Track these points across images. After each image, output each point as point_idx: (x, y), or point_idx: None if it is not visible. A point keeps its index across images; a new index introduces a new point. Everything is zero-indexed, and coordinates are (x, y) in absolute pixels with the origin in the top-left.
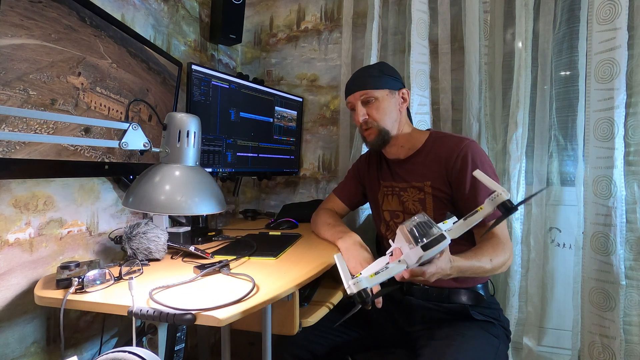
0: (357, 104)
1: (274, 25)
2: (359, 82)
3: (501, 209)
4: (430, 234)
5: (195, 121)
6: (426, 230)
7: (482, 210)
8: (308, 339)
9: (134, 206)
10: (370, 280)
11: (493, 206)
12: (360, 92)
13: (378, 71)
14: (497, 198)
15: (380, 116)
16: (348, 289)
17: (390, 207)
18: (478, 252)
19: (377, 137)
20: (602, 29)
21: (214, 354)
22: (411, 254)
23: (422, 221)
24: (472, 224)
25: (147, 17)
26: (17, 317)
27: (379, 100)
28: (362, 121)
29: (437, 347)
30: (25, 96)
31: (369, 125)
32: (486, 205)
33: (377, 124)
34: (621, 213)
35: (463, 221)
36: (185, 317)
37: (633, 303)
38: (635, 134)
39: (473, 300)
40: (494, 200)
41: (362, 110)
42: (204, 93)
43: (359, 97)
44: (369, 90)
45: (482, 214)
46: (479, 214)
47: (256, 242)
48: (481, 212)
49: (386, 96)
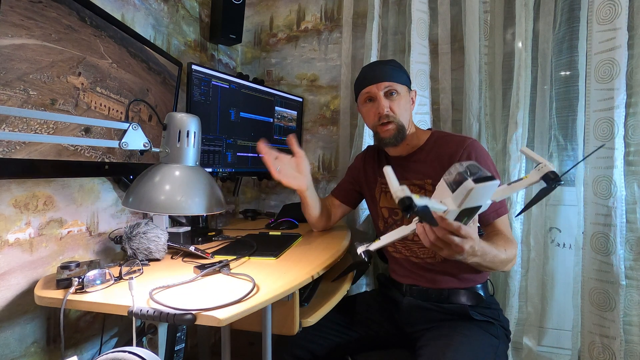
0: (380, 94)
1: (274, 25)
2: (384, 72)
3: (546, 178)
4: (482, 172)
5: (195, 121)
6: (478, 169)
7: (528, 178)
8: (308, 339)
9: (134, 206)
10: (417, 199)
11: (539, 175)
12: (386, 82)
13: (399, 66)
14: (543, 168)
15: (400, 111)
16: (395, 193)
17: (389, 204)
18: (493, 242)
19: (396, 132)
20: (602, 29)
21: (214, 354)
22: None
23: (473, 164)
24: (515, 190)
25: (147, 17)
26: (17, 317)
27: (400, 95)
28: (385, 114)
29: (437, 348)
30: (26, 96)
31: (390, 119)
32: (532, 174)
33: (398, 119)
34: (621, 213)
35: (507, 186)
36: (186, 317)
37: (633, 303)
38: (635, 134)
39: (472, 300)
40: (540, 170)
41: (386, 102)
42: (204, 93)
43: (383, 87)
44: (393, 82)
45: (528, 182)
46: (525, 182)
47: (256, 242)
48: (526, 179)
49: (405, 93)
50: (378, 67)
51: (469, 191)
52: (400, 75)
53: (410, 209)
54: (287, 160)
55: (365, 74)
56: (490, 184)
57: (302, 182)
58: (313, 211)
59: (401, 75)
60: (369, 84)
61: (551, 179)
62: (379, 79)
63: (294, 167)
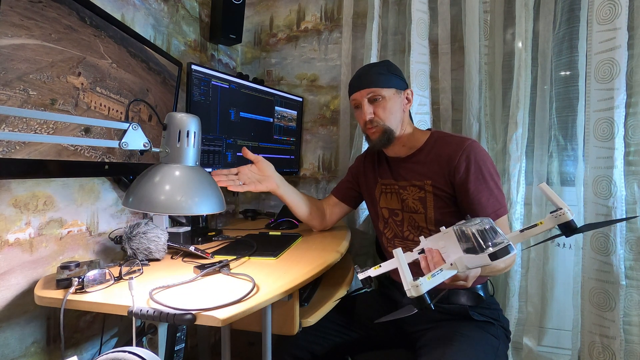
0: (364, 101)
1: (274, 25)
2: (367, 79)
3: (562, 227)
4: (497, 243)
5: (195, 121)
6: (493, 237)
7: (542, 225)
8: (308, 339)
9: (134, 206)
10: (429, 282)
11: (555, 223)
12: (368, 89)
13: (385, 69)
14: (561, 217)
15: (386, 115)
16: (408, 292)
17: (389, 205)
18: None
19: (381, 135)
20: (602, 29)
21: (214, 354)
22: (468, 261)
23: (490, 227)
24: (527, 237)
25: (147, 17)
26: (17, 317)
27: (385, 99)
28: (368, 120)
29: (437, 348)
30: (25, 96)
31: (374, 124)
32: (547, 220)
33: (383, 123)
34: (621, 213)
35: (519, 232)
36: (186, 317)
37: (633, 303)
38: (635, 134)
39: (472, 300)
40: (557, 217)
41: (369, 109)
42: (204, 93)
43: (366, 94)
44: (376, 88)
45: (541, 229)
46: (538, 228)
47: (256, 242)
48: (540, 226)
49: (393, 95)
50: (363, 73)
51: (483, 265)
52: (386, 79)
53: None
54: (249, 170)
55: (352, 81)
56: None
57: (270, 182)
58: (298, 209)
59: (388, 78)
60: (353, 91)
61: (567, 229)
62: (362, 86)
63: (258, 173)
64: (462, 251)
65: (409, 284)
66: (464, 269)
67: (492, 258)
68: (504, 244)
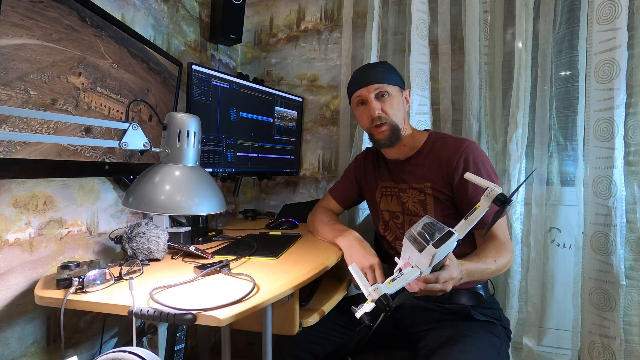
0: (371, 97)
1: (274, 25)
2: (373, 75)
3: (497, 202)
4: (439, 231)
5: (195, 121)
6: (434, 229)
7: (480, 207)
8: (308, 339)
9: (134, 206)
10: (389, 287)
11: (489, 201)
12: (376, 85)
13: (390, 67)
14: (490, 193)
15: (393, 112)
16: (369, 297)
17: (389, 207)
18: (482, 254)
19: (390, 133)
20: (602, 29)
21: (214, 354)
22: (422, 257)
23: (428, 222)
24: (474, 222)
25: (147, 17)
26: (17, 317)
27: (392, 96)
28: (377, 116)
29: (440, 348)
30: (26, 96)
31: (383, 121)
32: (482, 202)
33: (391, 120)
34: (621, 213)
35: (464, 220)
36: (186, 317)
37: (633, 303)
38: (635, 134)
39: (474, 300)
40: (488, 195)
41: (377, 105)
42: (204, 93)
43: (373, 90)
44: (384, 84)
45: (481, 211)
46: (478, 211)
47: (256, 242)
48: (480, 209)
49: (397, 93)
50: (368, 70)
51: (434, 255)
52: (391, 76)
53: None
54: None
55: (355, 78)
56: (450, 240)
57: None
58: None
59: (392, 76)
60: (359, 87)
61: (502, 202)
62: (369, 81)
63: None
64: (418, 252)
65: (368, 289)
66: (425, 268)
67: (436, 245)
68: (444, 230)
